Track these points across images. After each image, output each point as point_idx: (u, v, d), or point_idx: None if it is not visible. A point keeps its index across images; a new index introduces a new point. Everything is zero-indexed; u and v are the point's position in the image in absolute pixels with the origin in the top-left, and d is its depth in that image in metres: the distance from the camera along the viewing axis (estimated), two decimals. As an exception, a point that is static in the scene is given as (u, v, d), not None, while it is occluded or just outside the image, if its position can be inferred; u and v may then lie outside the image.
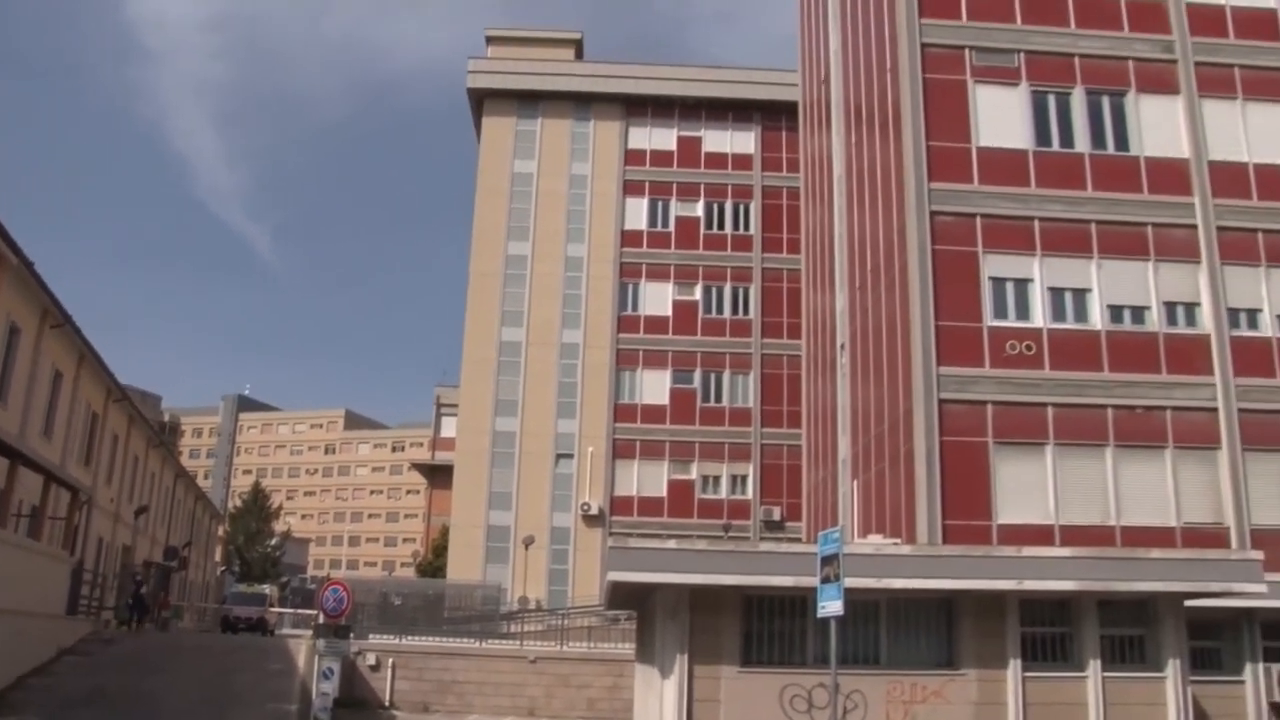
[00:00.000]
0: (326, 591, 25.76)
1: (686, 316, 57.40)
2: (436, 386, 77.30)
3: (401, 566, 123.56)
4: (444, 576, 54.89)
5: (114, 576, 44.37)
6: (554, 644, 35.46)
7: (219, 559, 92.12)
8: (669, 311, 57.49)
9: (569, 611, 41.47)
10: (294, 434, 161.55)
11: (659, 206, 59.01)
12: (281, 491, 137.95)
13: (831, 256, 38.05)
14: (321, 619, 25.59)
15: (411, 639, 33.98)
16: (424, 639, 34.33)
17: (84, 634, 32.84)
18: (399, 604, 40.59)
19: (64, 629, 30.41)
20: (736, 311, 57.82)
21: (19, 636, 25.03)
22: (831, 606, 16.78)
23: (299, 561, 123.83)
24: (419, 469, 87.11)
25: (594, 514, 54.00)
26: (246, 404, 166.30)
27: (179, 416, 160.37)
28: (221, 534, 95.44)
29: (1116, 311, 28.21)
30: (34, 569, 26.67)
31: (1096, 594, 20.54)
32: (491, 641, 36.29)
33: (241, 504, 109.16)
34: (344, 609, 25.27)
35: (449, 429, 66.83)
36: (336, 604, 25.03)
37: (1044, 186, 28.72)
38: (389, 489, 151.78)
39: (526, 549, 51.89)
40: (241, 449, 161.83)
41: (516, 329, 56.76)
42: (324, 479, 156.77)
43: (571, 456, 55.31)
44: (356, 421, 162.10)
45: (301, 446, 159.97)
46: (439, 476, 69.75)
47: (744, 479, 55.64)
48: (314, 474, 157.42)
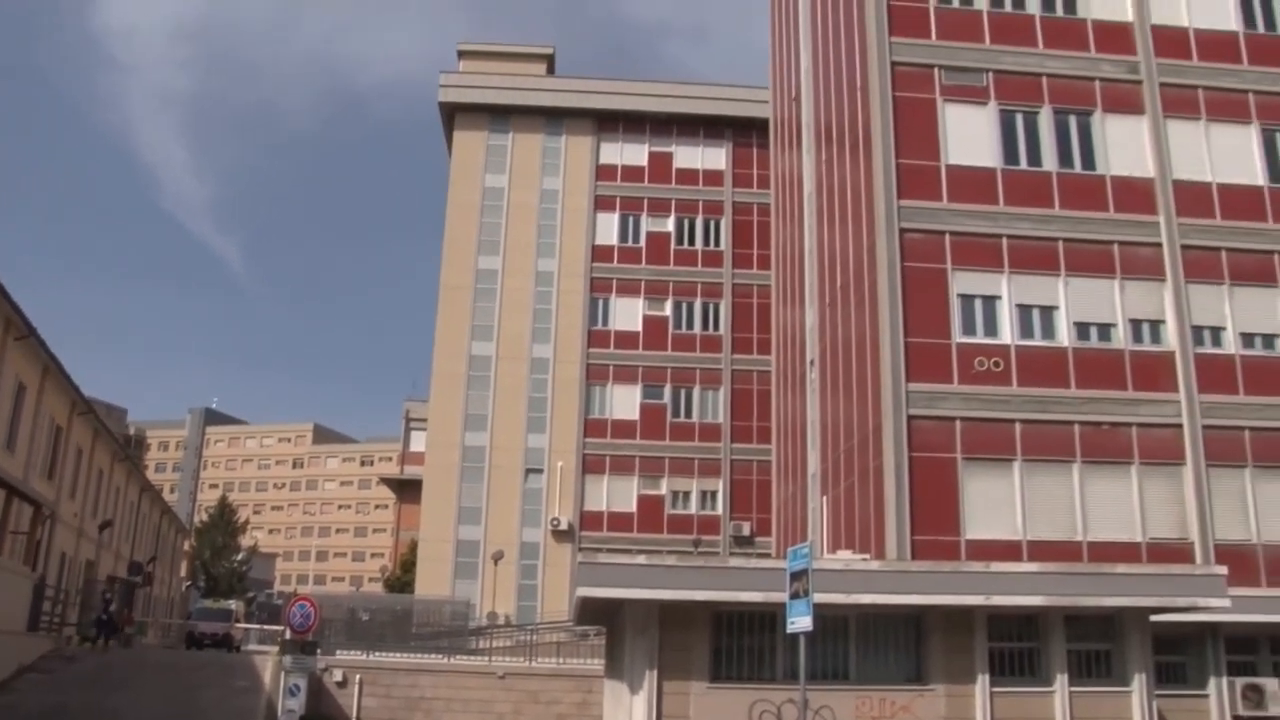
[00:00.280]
0: (293, 607, 25.61)
1: (657, 332, 57.44)
2: (406, 401, 77.01)
3: (370, 582, 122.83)
4: (412, 592, 54.61)
5: (77, 593, 43.90)
6: (523, 660, 35.34)
7: (184, 574, 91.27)
8: (639, 327, 57.50)
9: (538, 627, 41.35)
10: (261, 448, 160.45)
11: (630, 222, 59.08)
12: (249, 506, 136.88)
13: (801, 272, 38.21)
14: (288, 635, 25.44)
15: (379, 655, 33.81)
16: (392, 655, 34.17)
17: (45, 651, 32.47)
18: (367, 620, 40.38)
19: (25, 646, 30.05)
20: (707, 327, 57.92)
21: (-21, 653, 24.75)
22: (801, 622, 16.81)
23: (266, 577, 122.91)
24: (388, 483, 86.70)
25: (564, 529, 53.87)
26: (214, 417, 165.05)
27: (145, 430, 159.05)
28: (187, 549, 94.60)
29: (1083, 329, 28.45)
30: (-4, 584, 26.38)
31: (1063, 609, 20.70)
32: (460, 657, 36.14)
33: (208, 518, 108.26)
34: (311, 624, 25.13)
35: (418, 443, 66.50)
36: (303, 619, 24.89)
37: (1012, 205, 28.95)
38: (357, 503, 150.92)
39: (495, 564, 51.70)
40: (208, 463, 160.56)
41: (486, 343, 56.62)
42: (291, 493, 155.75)
43: (541, 471, 55.17)
44: (325, 435, 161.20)
45: (269, 460, 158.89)
46: (408, 491, 69.39)
47: (714, 494, 55.65)
48: (281, 488, 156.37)
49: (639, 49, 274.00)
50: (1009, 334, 28.00)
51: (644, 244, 58.70)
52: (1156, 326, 28.86)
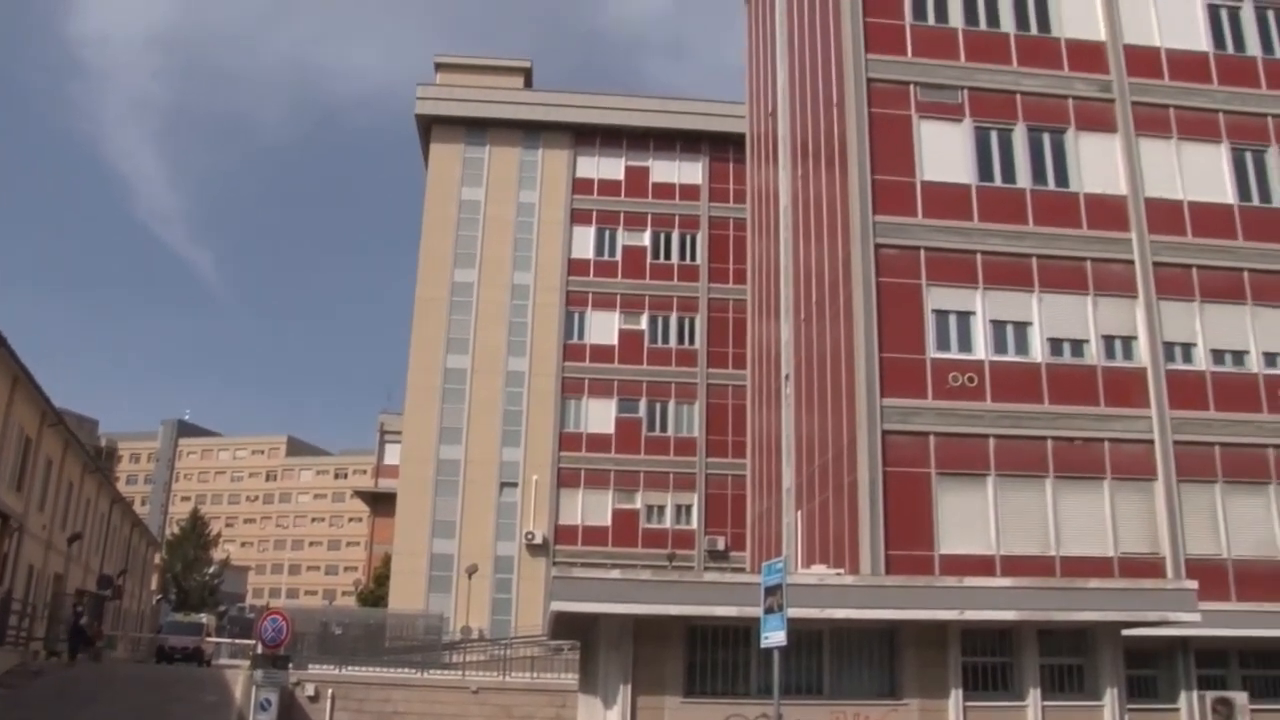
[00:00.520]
0: (265, 621, 25.42)
1: (632, 346, 57.52)
2: (381, 413, 76.73)
3: (343, 595, 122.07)
4: (386, 606, 54.41)
5: (44, 606, 43.47)
6: (496, 674, 35.22)
7: (155, 587, 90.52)
8: (615, 340, 57.58)
9: (512, 641, 41.25)
10: (235, 460, 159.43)
11: (606, 235, 59.20)
12: (221, 519, 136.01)
13: (777, 287, 38.30)
14: (260, 649, 25.26)
15: (352, 669, 33.66)
16: (364, 669, 34.03)
17: (11, 666, 32.12)
18: (339, 633, 40.26)
19: (-9, 660, 29.75)
20: (682, 341, 58.05)
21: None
22: (775, 637, 16.81)
23: (237, 590, 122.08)
24: (361, 496, 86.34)
25: (538, 543, 53.77)
26: (186, 429, 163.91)
27: (117, 441, 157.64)
28: (158, 562, 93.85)
29: (1056, 344, 28.61)
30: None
31: (1036, 624, 20.77)
32: (433, 672, 35.99)
33: (179, 531, 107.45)
34: (283, 639, 24.95)
35: (393, 456, 66.31)
36: (275, 633, 24.71)
37: (986, 221, 29.11)
38: (331, 516, 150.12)
39: (470, 578, 51.52)
40: (181, 475, 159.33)
41: (462, 356, 56.54)
42: (265, 506, 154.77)
43: (516, 485, 55.10)
44: (299, 448, 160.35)
45: (242, 473, 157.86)
46: (382, 504, 69.11)
47: (688, 508, 55.69)
48: (255, 501, 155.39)
49: (617, 64, 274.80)
50: (983, 349, 28.12)
51: (620, 258, 58.86)
52: (1129, 343, 29.05)
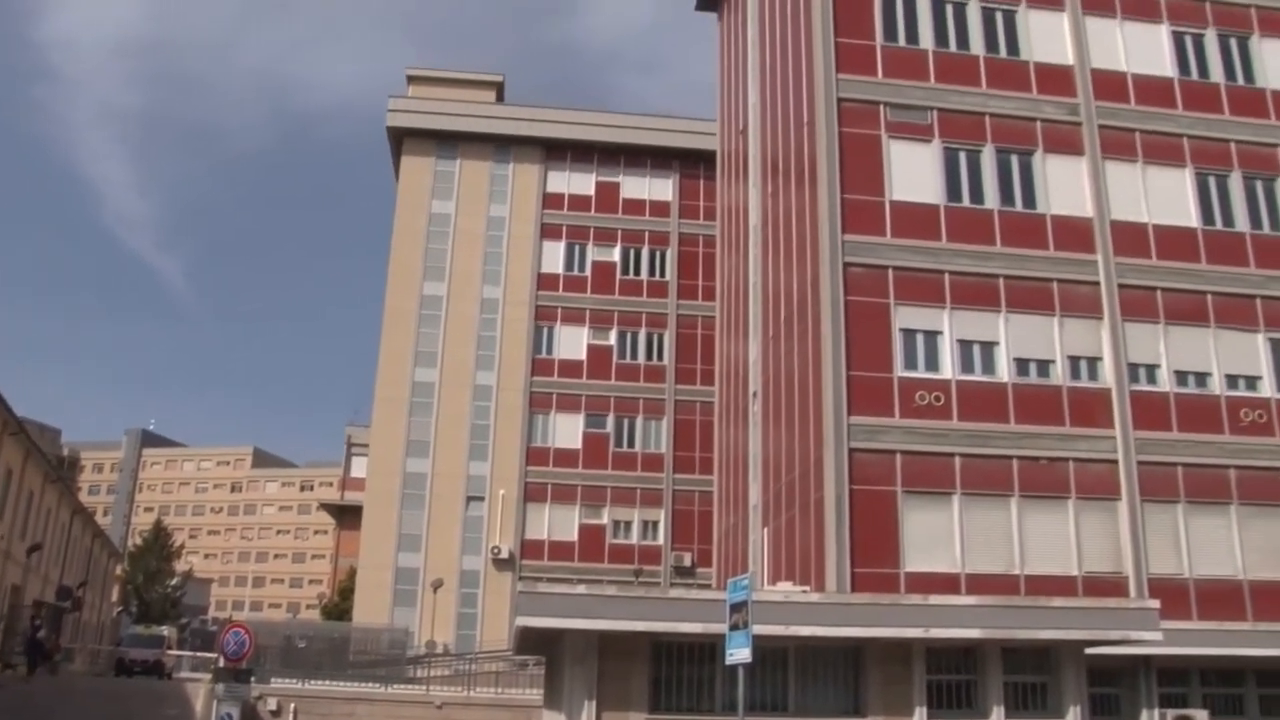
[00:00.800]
0: (228, 634, 25.24)
1: (601, 361, 57.52)
2: (348, 426, 76.34)
3: (307, 608, 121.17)
4: (350, 619, 54.07)
5: (1, 619, 42.94)
6: (461, 689, 35.06)
7: (116, 599, 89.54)
8: (583, 355, 57.57)
9: (477, 656, 41.10)
10: (199, 471, 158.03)
11: (576, 250, 59.24)
12: (184, 530, 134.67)
13: (746, 304, 38.41)
14: (222, 662, 25.06)
15: (315, 683, 33.43)
16: (328, 683, 33.80)
17: (-31, 678, 31.71)
18: (303, 647, 39.97)
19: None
20: (651, 357, 58.09)
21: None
22: (740, 654, 16.79)
23: (200, 602, 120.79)
24: (327, 509, 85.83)
25: (504, 557, 53.58)
26: (150, 439, 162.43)
27: (79, 451, 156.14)
28: (120, 573, 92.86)
29: (1023, 364, 28.81)
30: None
31: (1000, 642, 20.86)
32: (397, 686, 35.83)
33: (142, 542, 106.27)
34: (245, 652, 24.77)
35: (359, 469, 66.00)
36: (238, 647, 24.52)
37: (954, 241, 29.31)
38: (296, 529, 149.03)
39: (435, 592, 51.27)
40: (144, 485, 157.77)
41: (430, 369, 56.37)
42: (229, 518, 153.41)
43: (483, 499, 54.90)
44: (265, 459, 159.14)
45: (207, 484, 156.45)
46: (348, 517, 68.71)
47: (655, 524, 55.66)
48: (219, 512, 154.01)
49: (589, 79, 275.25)
50: (950, 369, 28.28)
51: (589, 273, 58.91)
52: (1094, 363, 29.30)
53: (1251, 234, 31.22)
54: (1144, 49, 32.39)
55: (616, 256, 59.37)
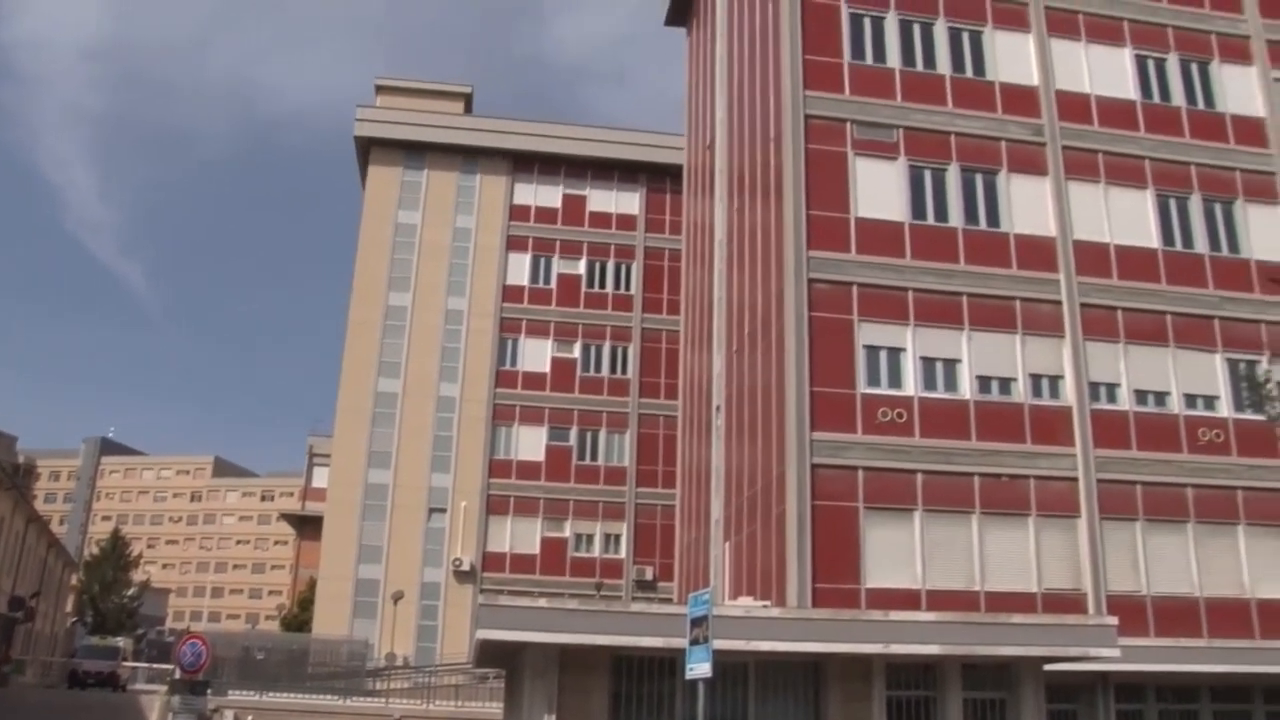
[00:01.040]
0: (184, 645, 24.95)
1: (565, 374, 57.47)
2: (309, 436, 75.81)
3: (266, 620, 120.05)
4: (310, 631, 53.61)
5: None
6: (420, 702, 34.85)
7: (70, 609, 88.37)
8: (547, 368, 57.48)
9: (436, 669, 40.88)
10: (159, 480, 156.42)
11: (541, 263, 59.19)
12: (143, 539, 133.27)
13: (710, 319, 38.47)
14: (178, 674, 24.76)
15: (273, 695, 33.15)
16: (286, 696, 33.52)
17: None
18: (261, 659, 39.62)
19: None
20: (615, 370, 58.09)
21: None
22: (700, 669, 16.75)
23: (157, 613, 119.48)
24: (288, 519, 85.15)
25: (466, 570, 53.32)
26: (110, 447, 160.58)
27: (36, 458, 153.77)
28: (75, 583, 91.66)
29: (985, 382, 28.98)
30: None
31: (960, 658, 20.91)
32: (356, 699, 35.58)
33: (99, 552, 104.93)
34: (202, 663, 24.50)
35: (321, 479, 65.47)
36: (194, 658, 24.25)
37: (918, 259, 29.48)
38: (256, 539, 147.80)
39: (395, 604, 50.95)
40: (102, 494, 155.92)
41: (393, 380, 56.12)
42: (188, 527, 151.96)
43: (444, 511, 54.64)
44: (225, 469, 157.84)
45: (166, 493, 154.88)
46: (308, 528, 68.19)
47: (617, 538, 55.57)
48: (178, 522, 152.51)
49: (558, 91, 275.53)
50: (912, 385, 28.40)
51: (555, 285, 58.88)
52: (1055, 382, 29.52)
53: (1210, 256, 31.60)
54: (1107, 71, 32.77)
55: (582, 269, 59.40)
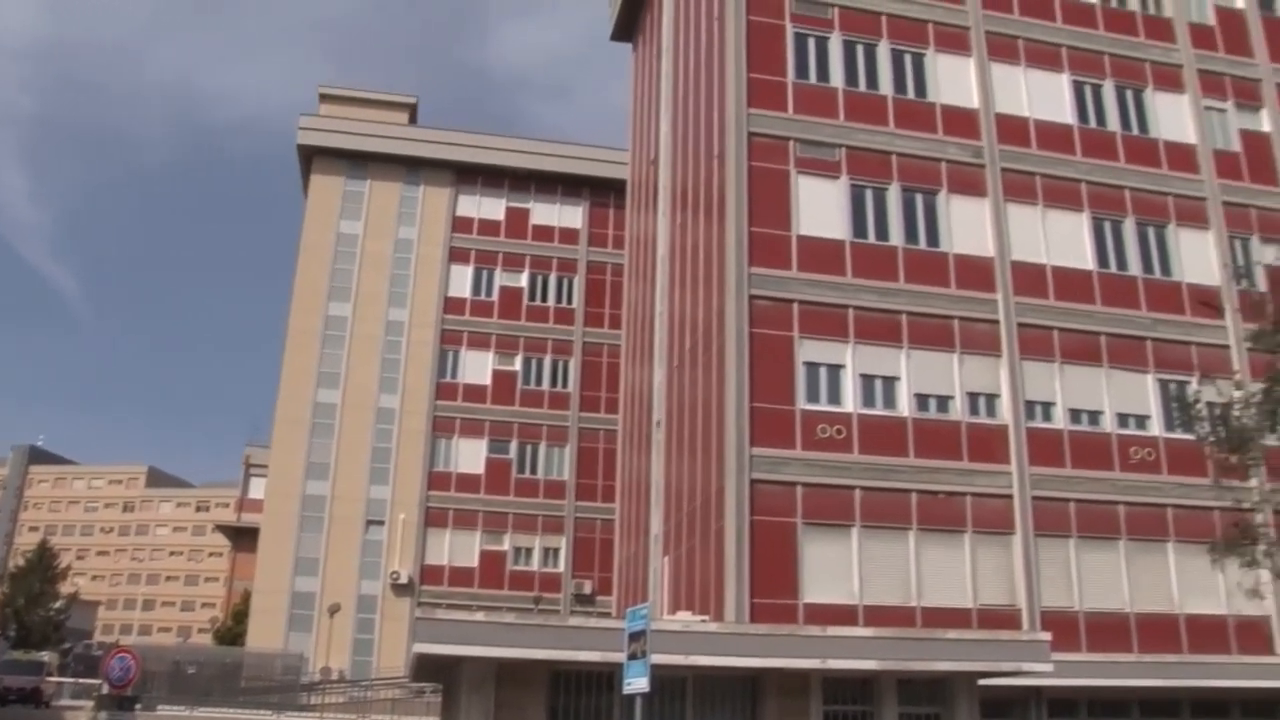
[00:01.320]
0: (112, 659, 24.53)
1: (505, 386, 57.31)
2: (246, 446, 74.84)
3: (199, 633, 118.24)
4: (244, 644, 52.89)
5: None
6: (356, 716, 34.51)
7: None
8: (488, 381, 57.31)
9: (373, 683, 40.50)
10: (90, 490, 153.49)
11: (483, 275, 59.05)
12: (72, 550, 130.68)
13: (651, 334, 38.54)
14: (105, 689, 24.32)
15: (204, 710, 32.66)
16: (218, 711, 33.01)
17: None
18: (193, 673, 39.03)
19: None
20: (556, 384, 58.04)
21: None
22: (638, 683, 16.72)
23: (85, 626, 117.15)
24: (223, 531, 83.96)
25: (403, 583, 52.90)
26: (39, 456, 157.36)
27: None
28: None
29: (923, 400, 29.26)
30: None
31: (896, 673, 21.07)
32: (290, 713, 35.13)
33: (25, 563, 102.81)
34: (130, 678, 24.09)
35: (257, 490, 64.69)
36: (123, 673, 23.84)
37: (859, 277, 29.73)
38: (190, 550, 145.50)
39: (332, 617, 50.44)
40: (30, 504, 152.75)
41: (332, 390, 55.64)
42: (120, 538, 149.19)
43: (383, 523, 54.21)
44: (160, 479, 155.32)
45: (97, 503, 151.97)
46: (244, 539, 67.30)
47: (556, 551, 55.44)
48: (109, 532, 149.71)
49: (503, 102, 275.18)
50: (851, 402, 28.61)
51: (496, 298, 58.77)
52: (992, 400, 29.88)
53: (1144, 278, 32.20)
54: (1046, 96, 33.33)
55: (524, 282, 59.34)
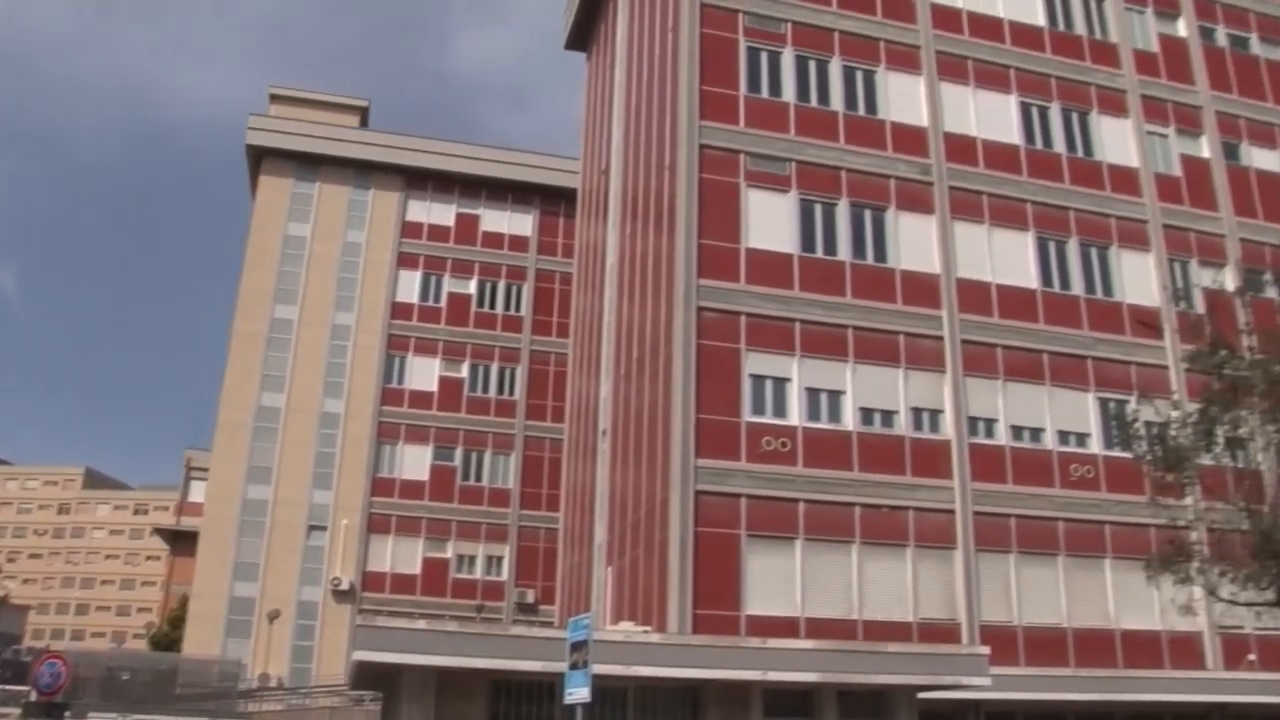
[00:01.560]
0: (41, 665, 24.03)
1: (452, 393, 57.05)
2: (187, 449, 73.91)
3: (134, 638, 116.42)
4: (180, 650, 52.19)
5: None
6: (292, 724, 34.09)
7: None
8: (434, 387, 57.04)
9: (311, 691, 40.10)
10: (24, 490, 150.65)
11: (432, 281, 58.80)
12: (3, 553, 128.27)
13: (599, 343, 38.54)
14: (34, 696, 23.83)
15: (137, 717, 32.12)
16: (152, 717, 32.49)
17: None
18: (127, 679, 38.45)
19: None
20: (502, 391, 57.87)
21: None
22: (579, 693, 16.70)
23: (14, 630, 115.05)
24: (162, 534, 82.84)
25: (345, 589, 52.45)
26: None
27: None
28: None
29: (868, 414, 29.46)
30: None
31: (837, 686, 21.18)
32: (225, 721, 34.65)
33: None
34: (60, 684, 23.59)
35: (198, 494, 63.91)
36: (52, 679, 23.35)
37: (806, 290, 29.89)
38: (127, 554, 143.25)
39: (271, 623, 49.87)
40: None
41: (276, 394, 55.11)
42: (54, 540, 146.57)
43: (325, 529, 53.71)
44: (97, 481, 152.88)
45: (31, 504, 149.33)
46: (183, 543, 66.40)
47: (500, 560, 55.21)
48: (43, 535, 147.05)
49: (458, 107, 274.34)
50: (797, 415, 28.74)
51: (444, 304, 58.54)
52: (935, 416, 30.15)
53: (1086, 298, 32.68)
54: (993, 116, 33.78)
55: (473, 289, 59.14)
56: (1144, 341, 32.31)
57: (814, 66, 32.49)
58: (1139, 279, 33.50)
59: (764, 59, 32.04)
